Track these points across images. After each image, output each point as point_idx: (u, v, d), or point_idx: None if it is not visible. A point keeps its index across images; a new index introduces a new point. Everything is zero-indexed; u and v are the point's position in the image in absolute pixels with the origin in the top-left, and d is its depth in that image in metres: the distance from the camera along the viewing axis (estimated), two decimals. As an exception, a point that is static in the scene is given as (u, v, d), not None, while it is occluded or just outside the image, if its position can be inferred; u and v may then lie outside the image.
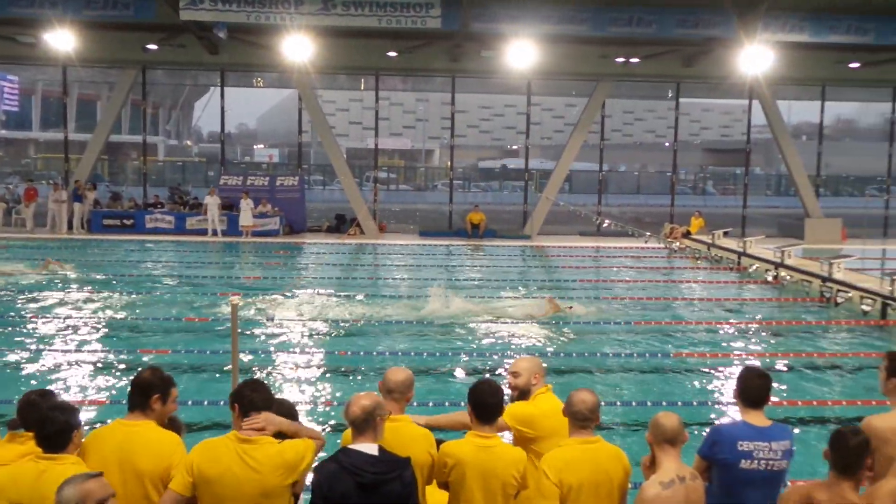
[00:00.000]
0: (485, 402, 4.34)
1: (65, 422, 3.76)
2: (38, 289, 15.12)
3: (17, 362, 10.15)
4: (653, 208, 34.94)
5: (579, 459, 4.10)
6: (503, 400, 4.45)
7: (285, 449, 3.84)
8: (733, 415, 6.55)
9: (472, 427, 4.41)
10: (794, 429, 6.18)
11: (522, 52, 22.60)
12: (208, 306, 13.99)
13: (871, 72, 26.36)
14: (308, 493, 3.89)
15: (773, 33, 22.18)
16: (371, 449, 3.84)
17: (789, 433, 4.38)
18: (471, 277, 18.37)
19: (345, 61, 26.13)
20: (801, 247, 21.14)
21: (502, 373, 9.31)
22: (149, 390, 4.06)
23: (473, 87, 49.38)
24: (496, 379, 5.32)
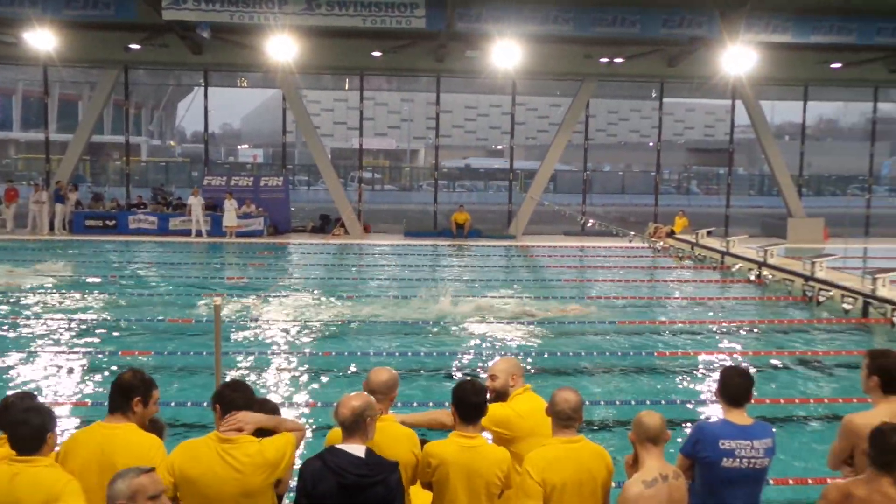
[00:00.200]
0: (468, 401, 4.33)
1: (38, 424, 3.72)
2: (19, 290, 14.99)
3: (-3, 364, 10.05)
4: (637, 208, 35.01)
5: (562, 459, 4.10)
6: (487, 399, 4.44)
7: (266, 447, 3.82)
8: (716, 413, 6.57)
9: (453, 426, 4.40)
10: (775, 427, 6.20)
11: (507, 52, 22.60)
12: (191, 307, 13.92)
13: (853, 72, 26.57)
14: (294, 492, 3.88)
15: (757, 34, 22.34)
16: (358, 450, 3.82)
17: (770, 431, 4.39)
18: (457, 277, 18.34)
19: (329, 61, 26.06)
20: (784, 246, 21.30)
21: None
22: (130, 392, 4.02)
23: (458, 87, 49.39)
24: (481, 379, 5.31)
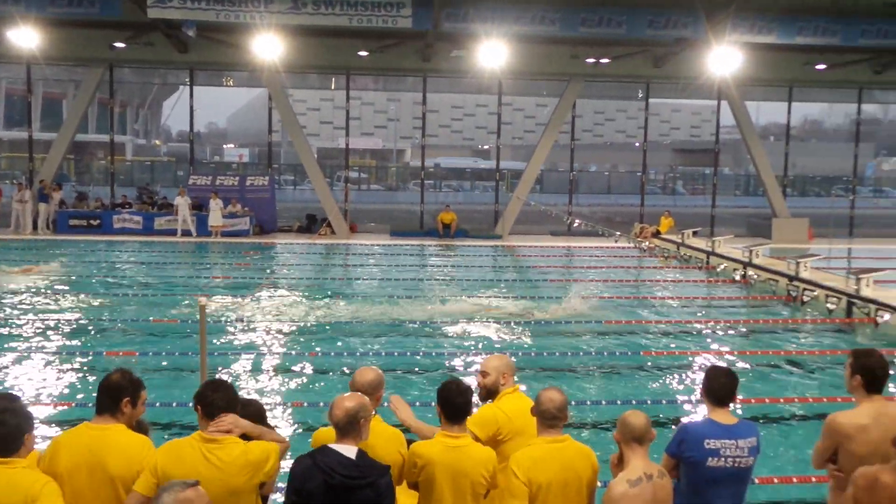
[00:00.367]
0: (453, 401, 4.34)
1: (15, 425, 3.68)
2: (2, 290, 14.87)
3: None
4: (623, 208, 35.12)
5: (548, 458, 4.11)
6: (472, 399, 4.44)
7: (250, 449, 3.81)
8: (701, 413, 6.60)
9: (440, 427, 4.40)
10: (759, 426, 6.23)
11: (493, 52, 22.61)
12: (177, 307, 13.85)
13: (838, 73, 26.76)
14: (278, 496, 3.86)
15: (742, 34, 22.49)
16: (349, 451, 3.81)
17: (755, 430, 4.42)
18: (444, 277, 18.35)
19: (315, 60, 26.00)
20: (769, 246, 21.38)
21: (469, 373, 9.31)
22: (118, 393, 3.99)
23: (445, 87, 49.30)
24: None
